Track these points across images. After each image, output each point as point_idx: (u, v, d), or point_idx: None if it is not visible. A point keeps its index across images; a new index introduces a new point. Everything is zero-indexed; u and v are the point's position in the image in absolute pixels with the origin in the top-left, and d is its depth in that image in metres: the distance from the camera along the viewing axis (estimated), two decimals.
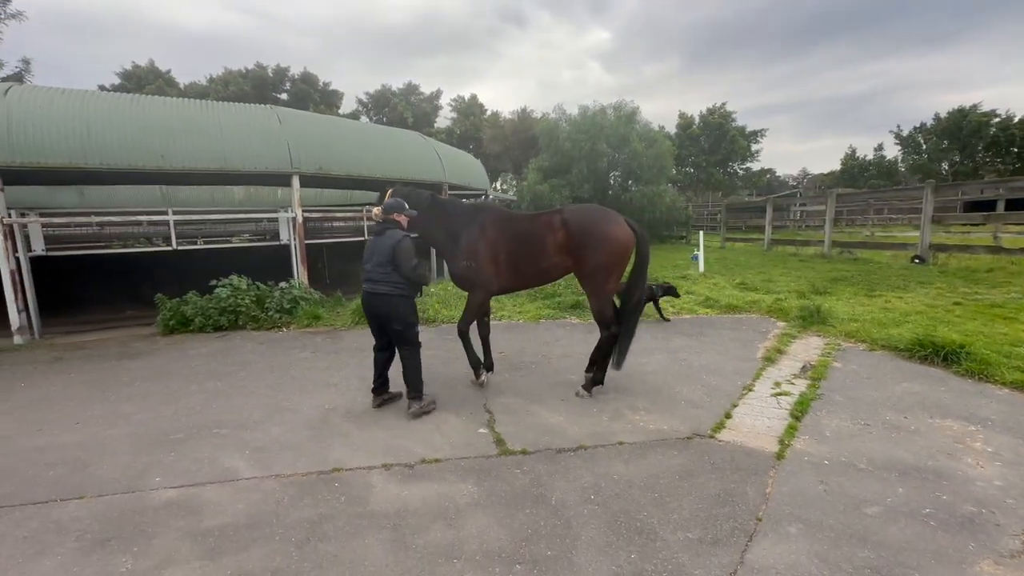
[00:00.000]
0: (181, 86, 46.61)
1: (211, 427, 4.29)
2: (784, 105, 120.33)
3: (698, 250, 12.17)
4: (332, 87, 51.44)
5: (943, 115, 40.71)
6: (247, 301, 7.83)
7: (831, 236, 14.93)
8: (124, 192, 14.14)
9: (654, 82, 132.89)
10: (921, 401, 4.36)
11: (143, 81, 43.39)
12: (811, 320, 7.01)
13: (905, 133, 44.28)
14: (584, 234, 4.43)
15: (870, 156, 48.86)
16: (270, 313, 7.89)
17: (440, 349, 6.49)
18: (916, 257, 12.13)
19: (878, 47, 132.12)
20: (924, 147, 42.97)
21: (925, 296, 8.35)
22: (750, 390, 4.75)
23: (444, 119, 51.07)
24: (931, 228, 12.17)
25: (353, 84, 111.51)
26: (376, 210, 4.45)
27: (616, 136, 22.40)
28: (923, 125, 42.78)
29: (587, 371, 4.81)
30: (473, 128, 45.76)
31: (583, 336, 6.89)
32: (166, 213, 8.45)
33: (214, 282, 8.04)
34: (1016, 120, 38.83)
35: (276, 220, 11.00)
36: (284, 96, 48.08)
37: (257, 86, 45.42)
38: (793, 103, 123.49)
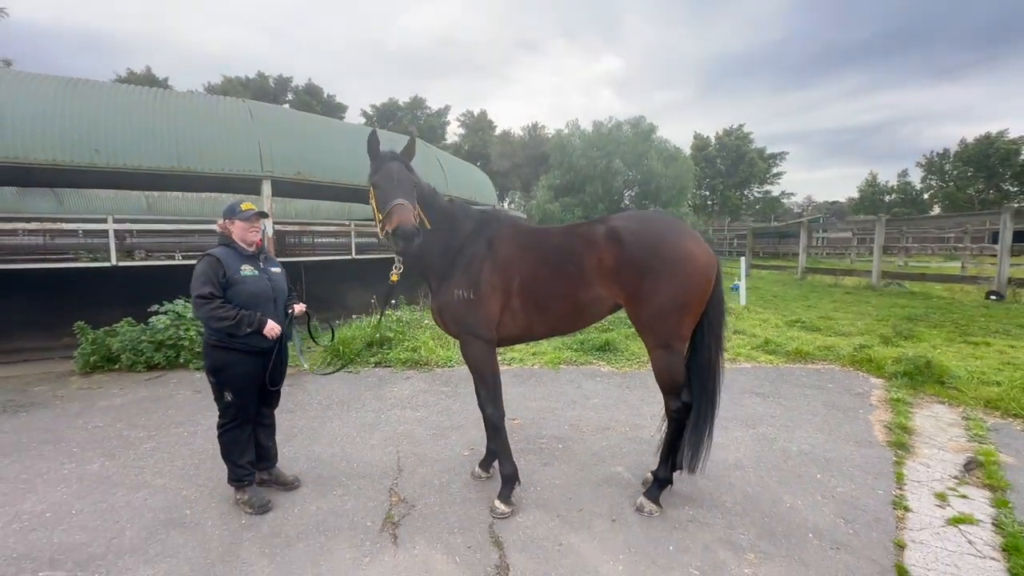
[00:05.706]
0: None
1: (47, 561, 2.63)
2: (789, 135, 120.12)
3: (739, 280, 10.52)
4: (337, 99, 50.68)
5: (969, 142, 39.29)
6: (192, 333, 6.19)
7: (880, 266, 13.29)
8: (84, 198, 12.56)
9: (664, 109, 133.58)
10: None
11: None
12: (921, 378, 5.32)
13: (926, 160, 42.82)
14: (647, 253, 2.80)
15: (892, 182, 47.21)
16: None
17: (430, 409, 4.82)
18: (992, 293, 10.41)
19: (886, 79, 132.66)
20: (948, 174, 41.39)
21: None
22: (906, 509, 3.05)
23: (452, 135, 50.04)
24: (1008, 259, 10.50)
25: (364, 103, 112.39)
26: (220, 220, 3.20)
27: (633, 153, 21.05)
28: (946, 152, 41.34)
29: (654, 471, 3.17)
30: (482, 144, 44.47)
31: (621, 393, 5.22)
32: (105, 221, 6.93)
33: (155, 307, 6.44)
34: None
35: None
36: (286, 107, 47.19)
37: (258, 96, 44.31)
38: (798, 133, 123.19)
